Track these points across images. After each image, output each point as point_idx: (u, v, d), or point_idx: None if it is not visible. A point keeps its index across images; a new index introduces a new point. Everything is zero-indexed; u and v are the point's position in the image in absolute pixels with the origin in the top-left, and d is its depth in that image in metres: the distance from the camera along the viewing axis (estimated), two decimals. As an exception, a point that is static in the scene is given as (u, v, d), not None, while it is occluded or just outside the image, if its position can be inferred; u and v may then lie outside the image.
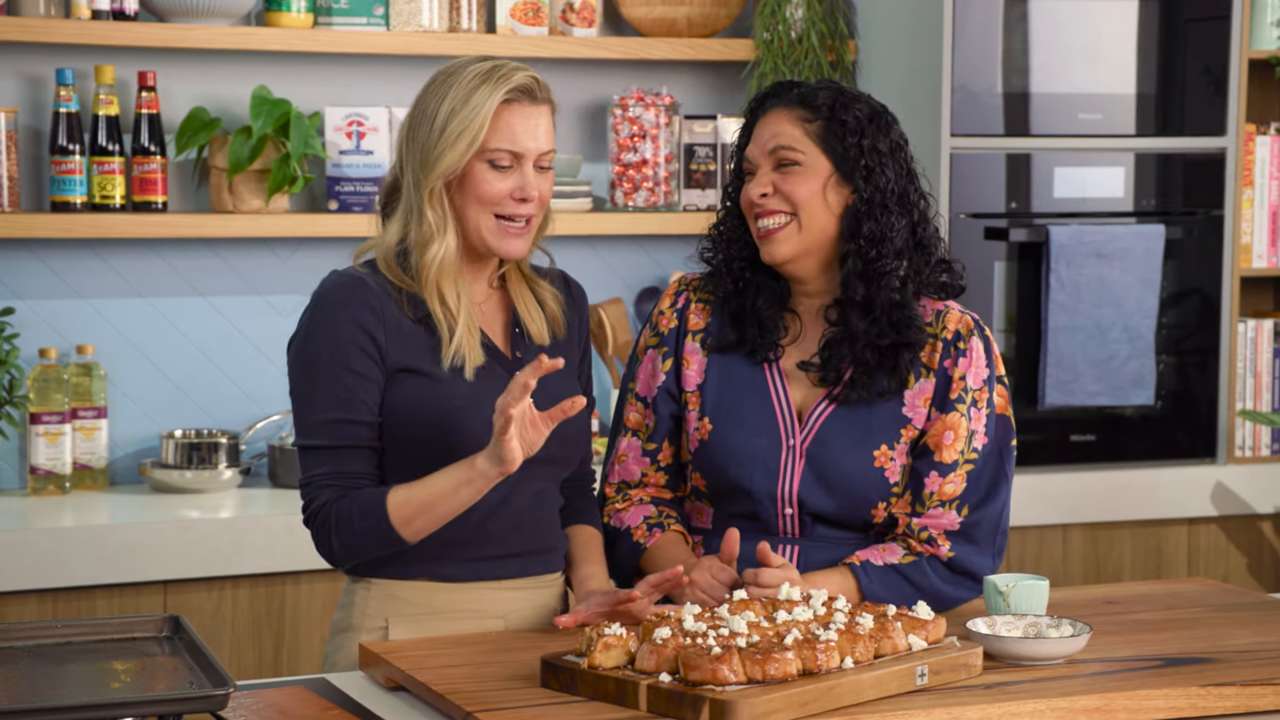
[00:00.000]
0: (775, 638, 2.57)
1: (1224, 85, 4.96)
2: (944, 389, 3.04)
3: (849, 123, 3.02)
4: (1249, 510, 5.06)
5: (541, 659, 2.62)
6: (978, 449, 3.05)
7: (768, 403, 3.07)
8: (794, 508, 3.04)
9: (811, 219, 3.01)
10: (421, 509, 2.83)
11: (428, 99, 2.95)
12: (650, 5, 4.92)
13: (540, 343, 3.03)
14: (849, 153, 3.01)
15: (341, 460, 2.91)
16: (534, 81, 2.95)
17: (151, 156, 4.53)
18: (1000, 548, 3.10)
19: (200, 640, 2.57)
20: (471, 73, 2.93)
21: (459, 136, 2.90)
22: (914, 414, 3.04)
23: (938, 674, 2.62)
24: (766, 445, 3.05)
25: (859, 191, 3.01)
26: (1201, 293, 5.03)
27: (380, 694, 2.73)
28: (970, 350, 3.05)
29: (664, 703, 2.47)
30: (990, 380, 3.07)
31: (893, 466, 3.03)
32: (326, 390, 2.91)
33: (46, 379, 4.48)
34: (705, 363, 3.12)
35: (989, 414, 3.07)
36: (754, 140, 3.08)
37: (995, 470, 3.08)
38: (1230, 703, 2.63)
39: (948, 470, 3.03)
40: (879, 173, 3.02)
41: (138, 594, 4.18)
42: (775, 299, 3.09)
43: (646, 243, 5.02)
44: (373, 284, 2.94)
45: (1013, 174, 4.82)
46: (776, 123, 3.05)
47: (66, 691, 2.45)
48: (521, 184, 2.93)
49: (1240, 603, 3.19)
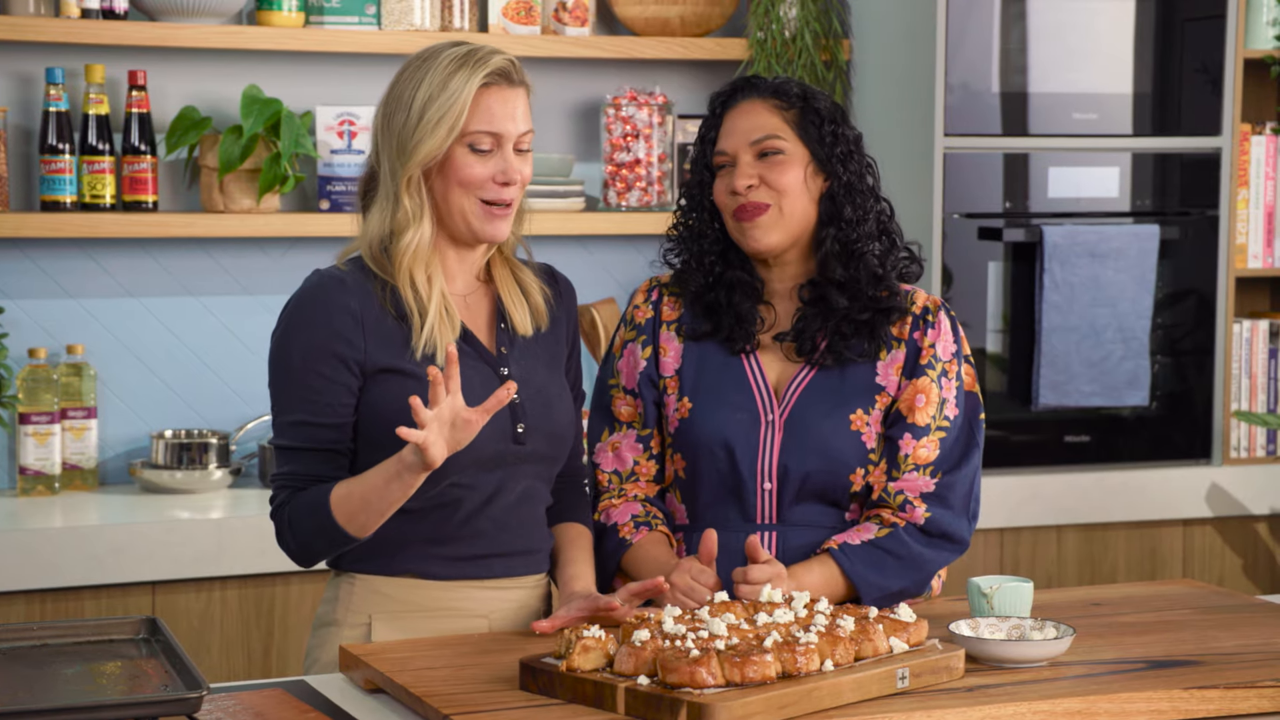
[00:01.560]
0: (755, 640, 2.55)
1: (1219, 85, 4.95)
2: (914, 357, 3.10)
3: (822, 110, 3.11)
4: (1244, 511, 5.04)
5: (520, 662, 2.61)
6: (949, 418, 3.10)
7: (744, 382, 3.11)
8: (773, 482, 3.06)
9: (794, 206, 3.08)
10: (360, 504, 2.81)
11: (402, 86, 2.93)
12: (643, 4, 4.91)
13: (524, 333, 3.01)
14: (825, 140, 3.09)
15: (302, 462, 2.91)
16: (510, 64, 2.93)
17: (142, 156, 4.52)
18: (974, 513, 3.14)
19: (177, 642, 2.56)
20: (447, 58, 2.90)
21: (438, 122, 2.88)
22: (886, 382, 3.09)
23: (919, 676, 2.60)
24: (746, 420, 3.08)
25: (837, 177, 3.09)
26: (1196, 293, 5.01)
27: (359, 696, 2.72)
28: (939, 324, 3.12)
29: (642, 705, 2.45)
30: (958, 356, 3.13)
31: (869, 432, 3.07)
32: (295, 392, 2.91)
33: (36, 379, 4.47)
34: (682, 349, 3.16)
35: (958, 387, 3.11)
36: (729, 133, 3.11)
37: (966, 439, 3.13)
38: (1213, 706, 2.61)
39: (921, 434, 3.07)
40: (852, 159, 3.11)
41: (125, 595, 4.16)
42: (750, 293, 3.13)
43: (639, 242, 5.01)
44: (352, 284, 2.92)
45: (1007, 174, 4.80)
46: (754, 114, 3.10)
47: (42, 694, 2.43)
48: (504, 167, 2.92)
49: (1227, 605, 3.17)
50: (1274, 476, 5.06)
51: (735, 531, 3.07)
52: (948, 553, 3.09)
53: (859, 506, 3.10)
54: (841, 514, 3.09)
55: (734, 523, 3.09)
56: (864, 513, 3.10)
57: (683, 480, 3.14)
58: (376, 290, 2.93)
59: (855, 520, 3.10)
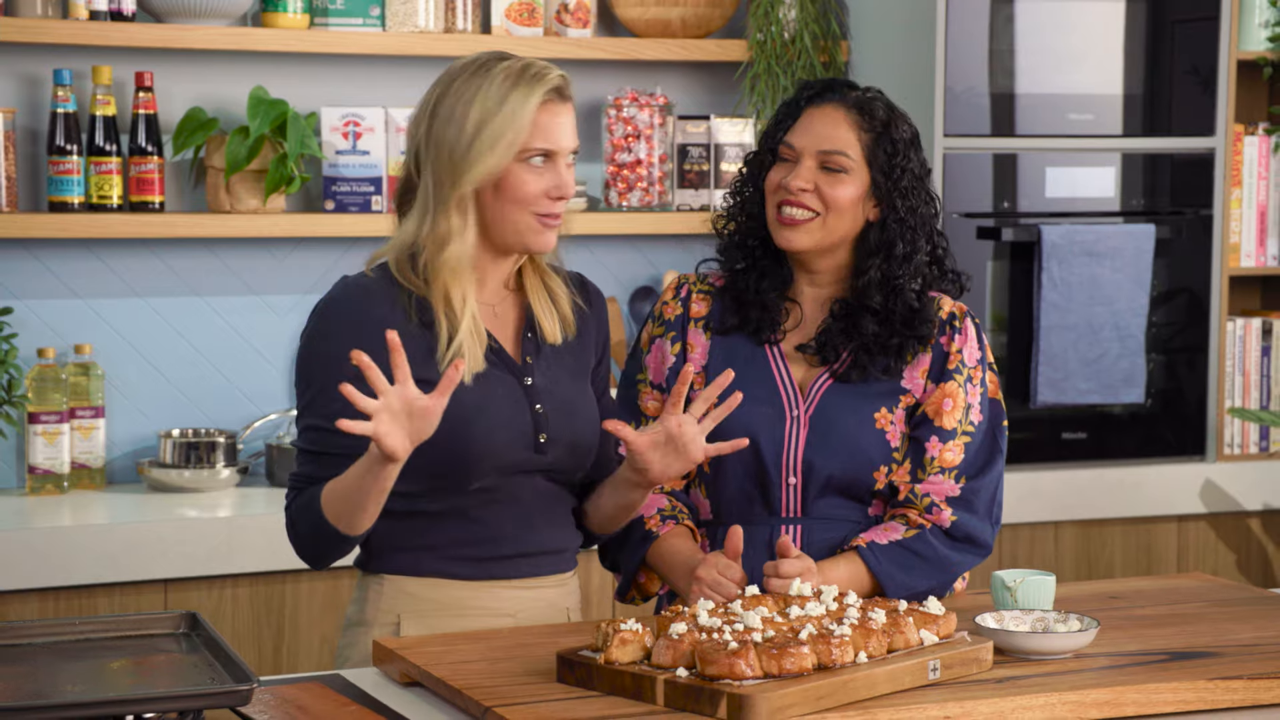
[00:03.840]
0: (790, 633, 2.59)
1: (1212, 86, 5.00)
2: (940, 362, 3.13)
3: (897, 140, 3.12)
4: (1238, 508, 5.10)
5: (557, 654, 2.65)
6: (974, 423, 3.14)
7: (770, 377, 3.14)
8: (798, 476, 3.10)
9: (839, 222, 3.11)
10: (343, 501, 2.82)
11: (452, 100, 2.90)
12: (644, 6, 4.95)
13: (552, 341, 3.02)
14: (891, 172, 3.11)
15: (321, 466, 2.90)
16: (563, 80, 2.93)
17: (149, 157, 4.55)
18: (997, 519, 3.19)
19: (220, 637, 2.58)
20: (500, 72, 2.89)
21: (497, 140, 2.87)
22: (912, 385, 3.14)
23: (950, 668, 2.65)
24: (771, 414, 3.12)
25: (894, 209, 3.11)
26: (1191, 292, 5.07)
27: (395, 689, 2.75)
28: (965, 330, 3.16)
29: (682, 697, 2.49)
30: (982, 363, 3.17)
31: (893, 430, 3.11)
32: (316, 398, 2.92)
33: (44, 379, 4.49)
34: (709, 344, 3.20)
35: (983, 393, 3.16)
36: (802, 130, 3.13)
37: (990, 445, 3.17)
38: (1237, 696, 2.67)
39: (948, 437, 3.11)
40: (912, 195, 3.12)
41: (138, 592, 4.19)
42: (779, 284, 3.17)
43: (641, 242, 5.05)
44: (379, 292, 2.94)
45: (1005, 174, 4.85)
46: (832, 123, 3.12)
47: (92, 687, 2.46)
48: (558, 181, 2.92)
49: (1238, 598, 3.23)
50: (1267, 472, 5.12)
51: (759, 525, 3.12)
52: (972, 556, 3.13)
53: (881, 502, 3.14)
54: (865, 509, 3.13)
55: (758, 516, 3.13)
56: (889, 511, 3.14)
57: (707, 475, 3.18)
58: (402, 299, 2.94)
59: (879, 515, 3.14)
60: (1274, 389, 5.18)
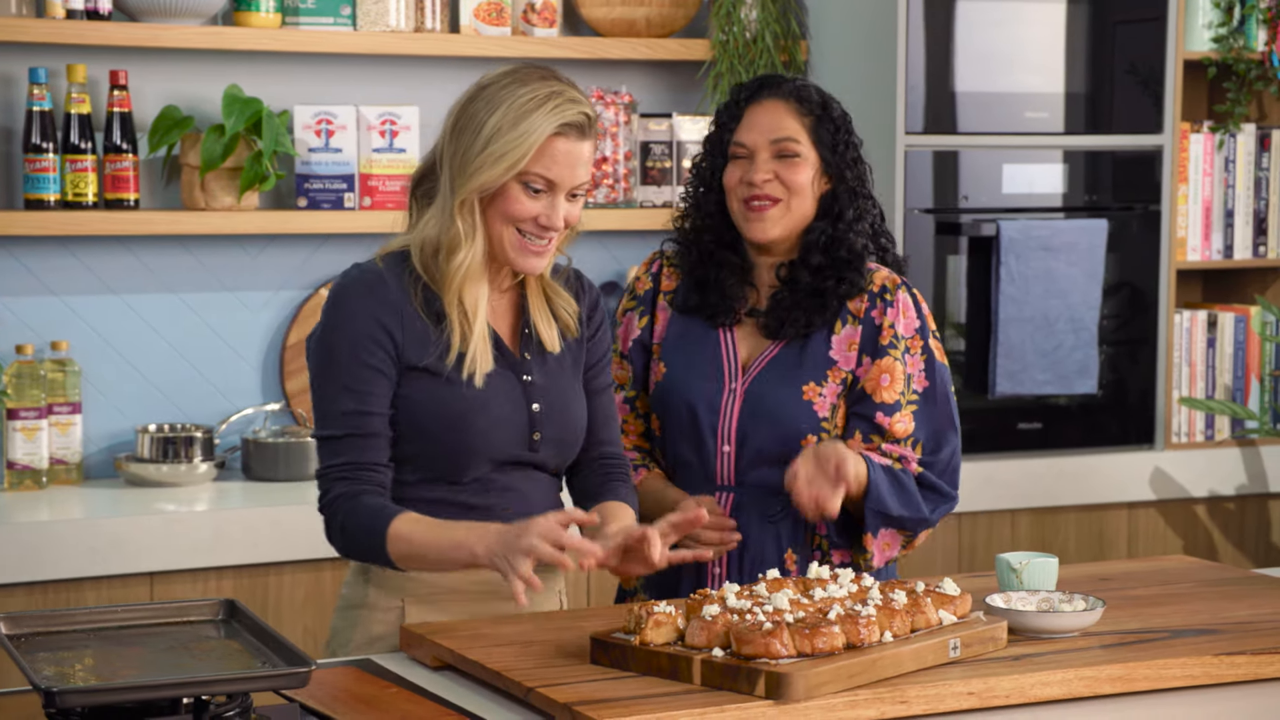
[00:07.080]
0: (818, 613, 2.69)
1: (1153, 84, 5.13)
2: (873, 336, 3.32)
3: (836, 119, 3.35)
4: (1185, 494, 5.24)
5: (591, 636, 2.73)
6: (918, 391, 3.33)
7: (716, 355, 3.36)
8: (731, 445, 3.31)
9: (801, 204, 3.32)
10: (417, 552, 2.91)
11: (478, 105, 2.97)
12: (610, 6, 5.03)
13: (551, 350, 3.11)
14: (836, 147, 3.33)
15: (353, 450, 2.98)
16: (586, 118, 2.98)
17: (124, 154, 4.58)
18: (955, 469, 3.38)
19: (265, 623, 2.64)
20: (527, 94, 2.95)
21: (500, 158, 2.94)
22: (840, 357, 3.32)
23: (969, 646, 2.75)
24: (712, 388, 3.33)
25: (842, 180, 3.33)
26: (1138, 285, 5.20)
27: (425, 672, 2.82)
28: (897, 302, 3.33)
29: (719, 676, 2.58)
30: (924, 331, 3.34)
31: (821, 402, 3.30)
32: (343, 383, 2.99)
33: (23, 375, 4.52)
34: (669, 318, 3.41)
35: (926, 359, 3.33)
36: (750, 127, 3.34)
37: (942, 412, 3.35)
38: (1241, 670, 2.79)
39: (892, 410, 3.29)
40: (856, 165, 3.35)
41: (125, 585, 4.23)
42: (738, 274, 3.37)
43: (606, 238, 5.12)
44: (390, 280, 3.01)
45: (965, 171, 4.95)
46: (776, 115, 3.33)
47: (147, 670, 2.51)
48: (549, 212, 2.98)
49: (1226, 578, 3.35)
50: (1213, 460, 5.27)
51: (701, 491, 3.33)
52: (941, 504, 3.32)
53: None
54: None
55: (698, 482, 3.34)
56: None
57: (658, 439, 3.41)
58: (411, 288, 3.02)
59: None
60: (1218, 379, 5.33)
